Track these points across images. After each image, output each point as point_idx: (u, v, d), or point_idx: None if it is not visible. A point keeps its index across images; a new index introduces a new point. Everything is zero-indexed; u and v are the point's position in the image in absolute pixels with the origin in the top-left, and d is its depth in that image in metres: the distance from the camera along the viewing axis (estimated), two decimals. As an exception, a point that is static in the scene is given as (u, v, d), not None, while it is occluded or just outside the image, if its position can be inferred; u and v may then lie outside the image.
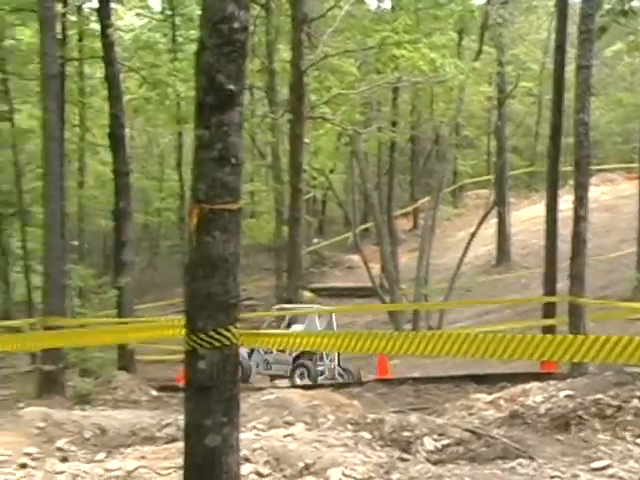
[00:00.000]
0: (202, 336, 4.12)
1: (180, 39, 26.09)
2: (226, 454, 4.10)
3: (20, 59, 22.42)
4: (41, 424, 9.59)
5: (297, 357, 17.25)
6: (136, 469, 6.97)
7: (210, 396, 4.09)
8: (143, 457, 7.50)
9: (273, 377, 17.12)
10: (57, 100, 14.45)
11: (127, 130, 17.23)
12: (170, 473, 6.48)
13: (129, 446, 8.40)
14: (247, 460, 7.10)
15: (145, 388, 13.04)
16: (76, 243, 24.15)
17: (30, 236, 22.50)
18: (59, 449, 8.77)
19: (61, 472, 7.44)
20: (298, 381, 16.57)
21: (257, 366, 17.24)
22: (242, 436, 7.86)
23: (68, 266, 16.20)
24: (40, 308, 14.43)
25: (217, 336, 4.12)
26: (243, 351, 17.68)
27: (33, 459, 8.21)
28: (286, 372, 17.17)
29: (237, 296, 4.25)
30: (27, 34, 21.74)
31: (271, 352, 17.58)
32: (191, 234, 4.20)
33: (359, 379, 16.34)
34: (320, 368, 16.80)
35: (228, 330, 4.15)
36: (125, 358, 14.99)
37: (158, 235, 37.93)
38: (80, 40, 21.43)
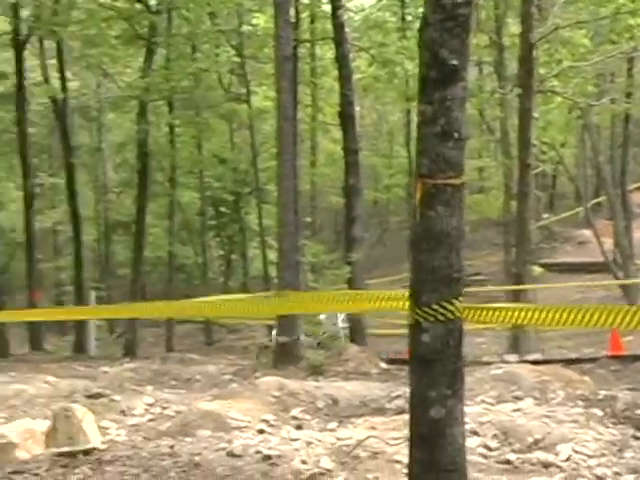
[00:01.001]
0: (426, 309, 4.15)
1: (409, 17, 26.21)
2: (450, 426, 4.12)
3: (256, 43, 23.46)
4: (277, 393, 10.10)
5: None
6: (366, 438, 7.12)
7: (434, 369, 4.14)
8: (373, 427, 7.68)
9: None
10: (290, 81, 14.92)
11: (357, 109, 17.56)
12: (399, 443, 6.58)
13: (360, 416, 8.62)
14: (475, 433, 7.11)
15: (375, 360, 13.30)
16: (309, 219, 24.99)
17: (266, 213, 23.56)
18: (294, 417, 9.19)
19: (296, 439, 7.75)
20: None
21: None
22: (470, 410, 7.90)
23: (301, 242, 16.81)
24: (275, 282, 15.07)
25: (441, 310, 4.14)
26: None
27: (270, 425, 8.66)
28: None
29: (460, 270, 4.23)
30: (263, 19, 22.71)
31: None
32: (415, 209, 4.23)
33: None
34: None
35: (452, 304, 4.15)
36: (356, 331, 15.35)
37: (387, 211, 38.45)
38: (312, 22, 22.11)
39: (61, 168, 26.46)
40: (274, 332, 18.54)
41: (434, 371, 4.14)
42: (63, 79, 24.12)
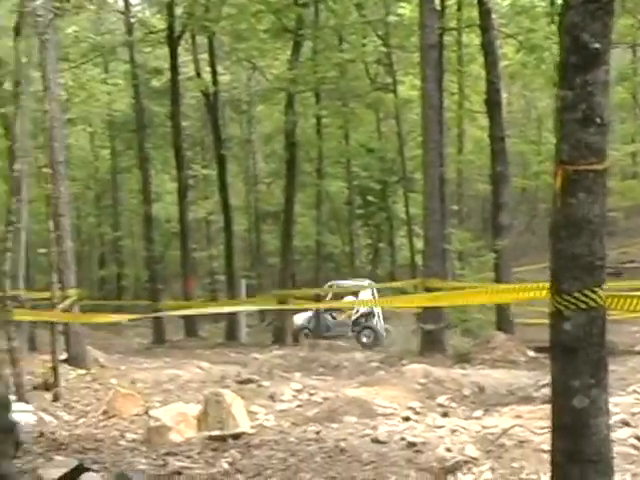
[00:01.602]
0: (567, 297, 4.06)
1: (559, 1, 25.44)
2: (595, 416, 4.02)
3: (402, 32, 23.45)
4: (423, 380, 10.16)
5: (357, 320, 19.56)
6: (512, 427, 7.08)
7: (576, 357, 4.04)
8: (519, 416, 7.62)
9: (331, 338, 18.61)
10: (435, 69, 14.90)
11: (504, 95, 17.29)
12: (545, 433, 6.49)
13: (506, 405, 8.58)
14: (626, 424, 6.95)
15: (523, 349, 13.10)
16: (455, 207, 24.78)
17: (413, 202, 23.55)
18: (439, 405, 9.24)
19: (441, 426, 7.80)
20: (364, 340, 18.94)
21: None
22: (621, 400, 7.71)
23: (447, 230, 16.73)
24: (422, 270, 15.10)
25: (582, 298, 4.04)
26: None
27: (415, 413, 8.74)
28: (346, 334, 19.32)
29: (603, 258, 4.11)
30: (409, 8, 22.65)
31: (332, 315, 19.87)
32: (555, 196, 4.17)
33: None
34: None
35: (594, 292, 4.04)
36: (503, 319, 15.16)
37: (536, 198, 37.57)
38: (458, 9, 21.87)
39: (213, 160, 27.35)
40: (295, 317, 20.53)
41: (577, 360, 4.05)
42: (214, 73, 24.92)
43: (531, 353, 12.82)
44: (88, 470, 5.88)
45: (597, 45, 3.96)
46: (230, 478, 5.95)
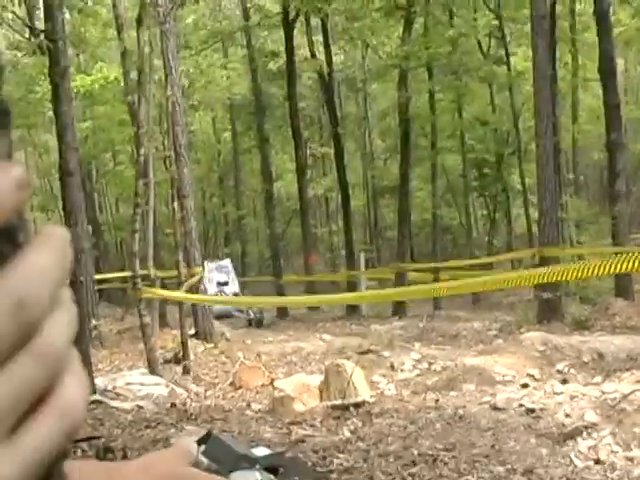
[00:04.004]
0: None
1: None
2: None
3: (514, 4, 23.13)
4: (541, 348, 10.22)
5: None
6: (632, 392, 7.10)
7: None
8: (639, 381, 7.62)
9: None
10: (546, 40, 14.74)
11: (620, 62, 16.87)
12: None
13: (626, 370, 8.55)
14: None
15: (643, 315, 12.91)
16: (571, 176, 24.34)
17: (528, 172, 23.30)
18: (558, 371, 9.28)
19: (559, 393, 7.88)
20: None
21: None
22: None
23: (563, 199, 16.52)
24: (538, 240, 15.02)
25: None
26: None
27: (534, 380, 8.84)
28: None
29: None
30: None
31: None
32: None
33: (260, 319, 18.22)
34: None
35: None
36: (623, 286, 14.94)
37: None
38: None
39: (330, 138, 27.69)
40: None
41: None
42: (329, 53, 25.20)
43: (654, 319, 12.62)
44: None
45: None
46: (352, 445, 6.11)
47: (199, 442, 1.08)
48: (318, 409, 7.79)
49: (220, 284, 20.21)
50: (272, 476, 1.06)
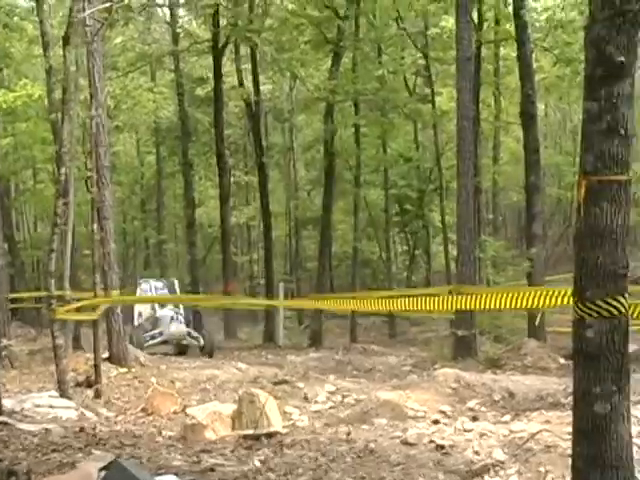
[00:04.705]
0: (590, 305, 4.14)
1: (591, 15, 25.25)
2: (616, 422, 4.08)
3: (441, 45, 23.62)
4: (454, 385, 10.30)
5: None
6: (539, 432, 7.18)
7: (598, 364, 4.11)
8: (547, 421, 7.74)
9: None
10: (471, 81, 15.09)
11: (541, 107, 17.39)
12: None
13: (535, 410, 8.68)
14: (651, 433, 7.00)
15: (554, 356, 13.18)
16: (490, 216, 24.83)
17: (448, 210, 23.68)
18: (469, 409, 9.37)
19: (469, 430, 7.93)
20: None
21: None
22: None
23: (481, 238, 16.82)
24: (455, 277, 15.25)
25: (605, 305, 4.12)
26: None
27: (445, 416, 8.89)
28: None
29: (626, 266, 4.19)
30: (450, 21, 22.81)
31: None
32: (579, 205, 4.28)
33: (210, 346, 17.17)
34: (153, 332, 16.93)
35: (616, 300, 4.13)
36: (535, 326, 15.25)
37: (571, 209, 37.49)
38: (497, 23, 21.98)
39: (254, 167, 27.69)
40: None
41: (599, 367, 4.11)
42: (257, 82, 25.27)
43: (562, 360, 12.90)
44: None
45: (622, 58, 4.03)
46: (262, 476, 6.02)
47: (104, 468, 1.04)
48: (229, 438, 7.69)
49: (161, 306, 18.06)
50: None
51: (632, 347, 9.74)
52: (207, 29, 25.72)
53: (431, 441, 7.40)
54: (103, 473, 1.06)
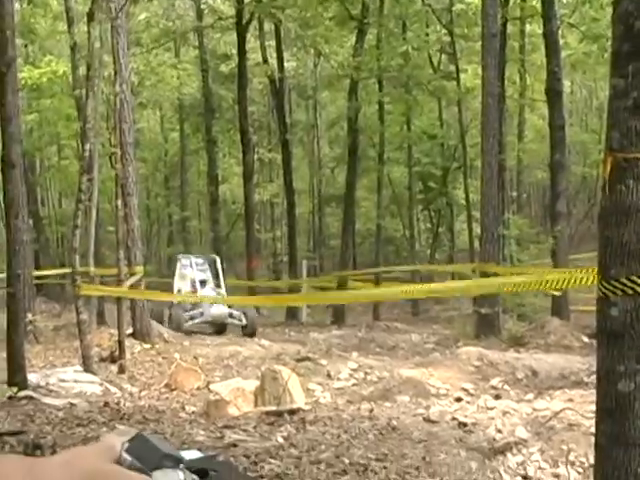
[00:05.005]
0: (614, 283, 4.02)
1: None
2: (639, 400, 3.96)
3: (467, 21, 23.44)
4: (477, 363, 10.33)
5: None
6: (562, 410, 7.20)
7: (622, 343, 3.97)
8: (570, 400, 7.75)
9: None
10: (496, 58, 14.99)
11: (567, 84, 17.23)
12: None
13: (558, 389, 8.70)
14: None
15: (577, 334, 13.17)
16: (515, 194, 24.71)
17: (473, 188, 23.60)
18: (492, 387, 9.40)
19: (492, 408, 7.96)
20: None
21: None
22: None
23: (506, 216, 16.76)
24: (479, 255, 15.21)
25: (630, 284, 3.98)
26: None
27: (468, 394, 8.92)
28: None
29: None
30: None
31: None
32: (604, 183, 4.31)
33: (252, 326, 16.16)
34: (193, 312, 16.20)
35: None
36: (559, 305, 15.21)
37: (596, 186, 37.24)
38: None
39: (278, 144, 27.69)
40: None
41: (623, 345, 3.98)
42: (281, 59, 25.21)
43: (585, 339, 12.88)
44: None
45: None
46: (284, 452, 6.06)
47: (128, 441, 1.06)
48: (252, 414, 7.75)
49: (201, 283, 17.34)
50: (196, 476, 1.04)
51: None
52: (231, 5, 25.65)
53: (453, 418, 7.44)
54: (127, 445, 1.07)
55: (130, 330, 12.67)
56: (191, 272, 17.54)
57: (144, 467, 1.01)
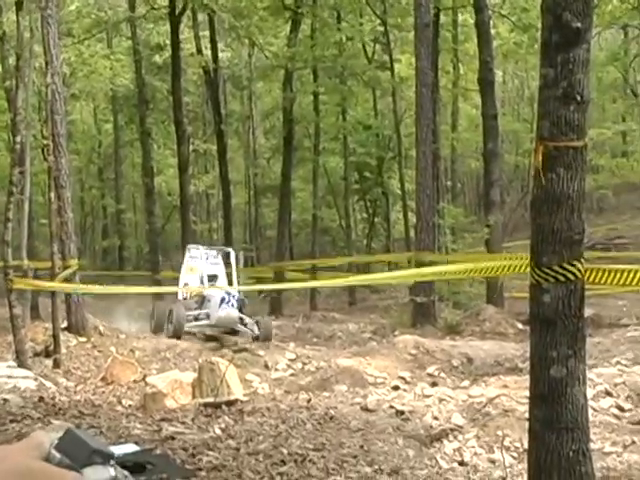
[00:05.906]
0: (546, 270, 4.17)
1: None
2: (572, 385, 4.14)
3: (400, 12, 23.54)
4: (413, 351, 10.44)
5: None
6: (497, 396, 7.31)
7: (555, 329, 4.14)
8: (505, 386, 7.88)
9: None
10: (429, 48, 15.12)
11: (499, 74, 17.47)
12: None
13: (493, 375, 8.82)
14: (608, 394, 7.18)
15: (512, 321, 13.39)
16: (449, 183, 24.96)
17: (408, 178, 23.78)
18: (429, 375, 9.52)
19: (429, 396, 8.05)
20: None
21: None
22: (604, 371, 7.95)
23: (440, 205, 16.93)
24: (414, 244, 15.35)
25: (561, 271, 4.15)
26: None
27: (405, 382, 9.02)
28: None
29: (581, 232, 4.23)
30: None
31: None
32: (536, 171, 4.32)
33: (267, 335, 13.45)
34: (197, 312, 14.16)
35: (572, 265, 4.16)
36: (493, 292, 15.44)
37: (528, 175, 37.82)
38: (455, -11, 22.04)
39: (213, 135, 27.49)
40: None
41: (555, 331, 4.15)
42: (215, 50, 24.99)
43: (520, 325, 13.11)
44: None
45: (578, 24, 4.05)
46: (222, 443, 6.06)
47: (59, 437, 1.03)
48: (190, 406, 7.72)
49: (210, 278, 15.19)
50: (127, 472, 1.02)
51: (588, 312, 9.97)
52: (164, -5, 25.32)
53: (391, 407, 7.50)
54: (56, 442, 1.05)
55: (65, 324, 12.45)
56: (201, 264, 15.52)
57: (73, 464, 0.99)
